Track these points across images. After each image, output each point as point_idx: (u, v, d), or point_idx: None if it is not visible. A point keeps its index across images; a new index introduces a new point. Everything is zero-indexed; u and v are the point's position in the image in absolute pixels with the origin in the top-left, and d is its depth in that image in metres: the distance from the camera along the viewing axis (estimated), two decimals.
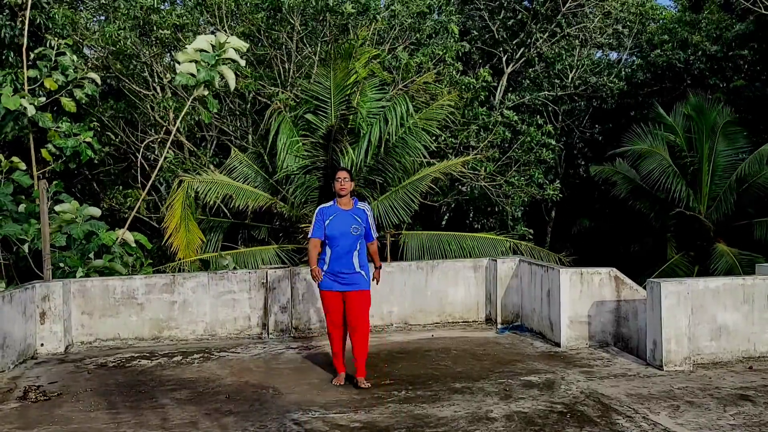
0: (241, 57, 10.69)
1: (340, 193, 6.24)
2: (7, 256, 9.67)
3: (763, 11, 16.74)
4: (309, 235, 6.35)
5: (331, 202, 6.31)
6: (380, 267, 6.65)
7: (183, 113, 11.53)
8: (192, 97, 10.78)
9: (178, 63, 10.41)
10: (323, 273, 6.25)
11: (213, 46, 10.25)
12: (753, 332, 7.06)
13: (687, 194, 16.43)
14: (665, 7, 23.03)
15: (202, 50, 10.22)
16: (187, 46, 10.51)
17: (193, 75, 10.13)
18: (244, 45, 10.69)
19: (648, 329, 6.92)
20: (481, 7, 19.02)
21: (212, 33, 11.21)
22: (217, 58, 10.20)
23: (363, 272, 6.28)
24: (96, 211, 10.07)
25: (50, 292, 7.95)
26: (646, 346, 6.95)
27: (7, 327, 7.14)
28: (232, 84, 10.68)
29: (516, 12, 19.06)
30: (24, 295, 7.59)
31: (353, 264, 6.22)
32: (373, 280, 6.46)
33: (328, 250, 6.26)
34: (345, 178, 6.24)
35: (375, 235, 6.41)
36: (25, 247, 9.33)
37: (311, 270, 6.22)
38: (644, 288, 7.26)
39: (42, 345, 7.93)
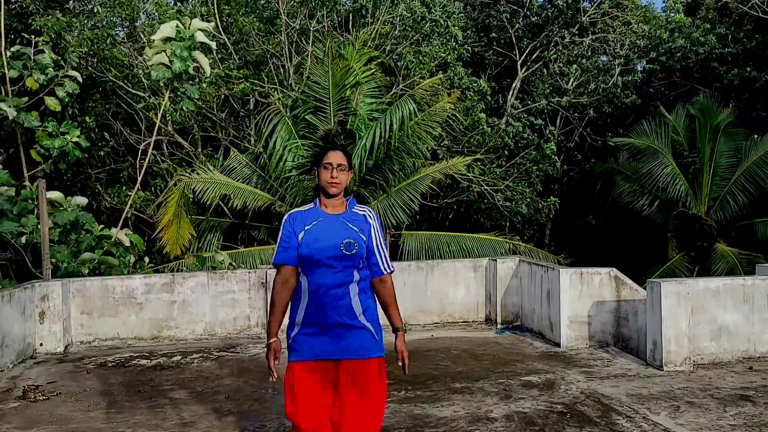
0: (211, 39, 10.59)
1: (330, 189, 3.48)
2: (4, 255, 9.65)
3: (761, 15, 16.70)
4: (273, 261, 3.59)
5: (311, 205, 3.59)
6: (404, 330, 3.60)
7: (162, 107, 11.47)
8: (170, 90, 10.72)
9: (148, 57, 10.35)
10: (296, 330, 3.49)
11: (179, 32, 10.15)
12: (753, 332, 7.05)
13: (688, 194, 16.43)
14: (677, 13, 22.97)
15: (168, 38, 10.13)
16: (152, 37, 10.43)
17: (167, 66, 10.05)
18: (208, 25, 10.61)
19: (648, 329, 6.91)
20: (501, 9, 19.02)
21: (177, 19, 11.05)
22: (187, 46, 10.08)
23: (370, 326, 3.46)
24: (82, 200, 10.04)
25: (49, 291, 7.94)
26: (646, 347, 6.94)
27: (6, 326, 7.13)
28: (207, 69, 10.63)
29: (533, 15, 19.05)
30: (23, 294, 7.58)
31: (352, 308, 3.43)
32: (398, 361, 3.55)
33: (304, 285, 3.46)
34: (340, 164, 3.48)
35: (387, 264, 3.55)
36: (23, 239, 9.27)
37: (267, 345, 3.53)
38: (644, 288, 7.26)
39: (41, 344, 7.92)
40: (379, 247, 3.54)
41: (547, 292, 8.02)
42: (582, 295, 7.65)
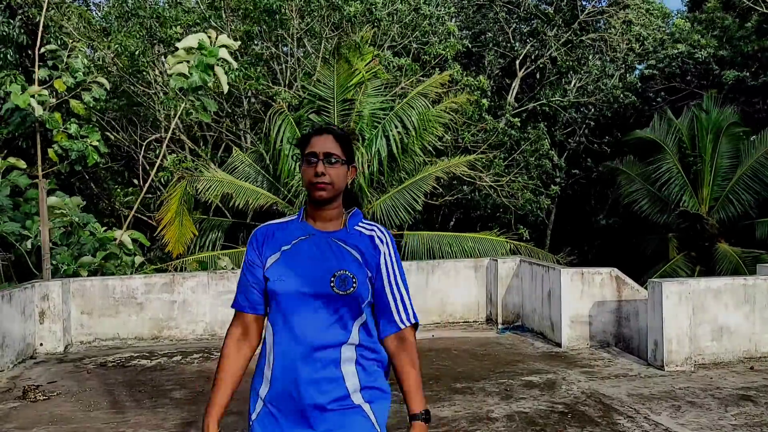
0: (233, 57, 10.69)
1: (315, 192, 2.25)
2: (6, 255, 9.67)
3: (765, 10, 16.72)
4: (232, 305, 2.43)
5: (295, 216, 2.41)
6: (424, 417, 2.36)
7: (177, 115, 11.51)
8: (187, 100, 10.77)
9: (170, 66, 10.43)
10: (259, 406, 2.35)
11: (202, 45, 10.23)
12: (754, 332, 7.04)
13: (689, 194, 16.45)
14: (673, 14, 22.95)
15: (192, 49, 10.21)
16: (177, 45, 10.51)
17: (185, 76, 10.13)
18: (233, 44, 10.70)
19: (649, 329, 6.90)
20: (497, 10, 19.03)
21: (204, 31, 11.18)
22: (208, 60, 10.17)
23: (369, 409, 2.29)
24: (77, 199, 10.11)
25: (49, 291, 7.94)
26: (647, 347, 6.93)
27: (6, 326, 7.12)
28: (225, 86, 10.70)
29: (531, 18, 19.04)
30: (23, 294, 7.57)
31: (342, 383, 2.23)
32: None
33: (269, 339, 2.31)
34: (329, 154, 2.25)
35: (407, 313, 2.36)
36: (28, 244, 9.32)
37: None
38: (645, 288, 7.25)
39: (41, 344, 7.91)
40: (395, 286, 2.30)
41: (548, 292, 8.00)
42: (583, 295, 7.64)
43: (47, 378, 6.75)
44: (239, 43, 11.80)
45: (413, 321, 2.35)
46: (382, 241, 2.31)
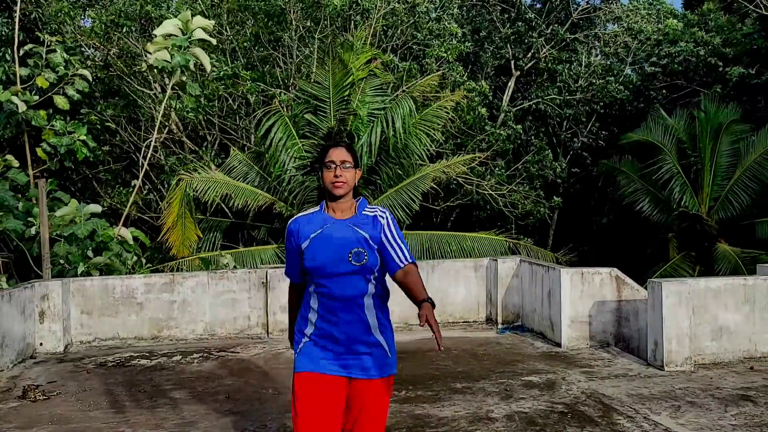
0: (211, 36, 10.73)
1: (335, 190, 3.22)
2: (7, 254, 9.67)
3: (765, 12, 16.72)
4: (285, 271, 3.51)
5: (317, 208, 3.34)
6: (428, 300, 3.17)
7: (165, 99, 11.49)
8: (171, 84, 10.77)
9: (149, 53, 10.46)
10: (305, 341, 3.29)
11: (181, 30, 10.25)
12: (754, 332, 7.04)
13: (689, 194, 16.44)
14: (673, 12, 22.85)
15: (171, 35, 10.24)
16: (154, 32, 10.53)
17: (168, 62, 10.15)
18: (209, 23, 10.71)
19: (649, 329, 6.90)
20: (492, 10, 19.04)
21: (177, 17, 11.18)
22: (188, 41, 10.20)
23: (385, 343, 3.28)
24: (96, 208, 10.08)
25: (49, 291, 7.94)
26: (647, 347, 6.93)
27: (6, 326, 7.12)
28: (208, 66, 10.73)
29: (519, 17, 19.03)
30: (23, 294, 7.57)
31: (367, 323, 3.23)
32: (421, 324, 3.08)
33: (312, 297, 3.27)
34: (344, 161, 3.22)
35: (405, 255, 3.29)
36: (32, 230, 9.32)
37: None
38: (645, 288, 7.25)
39: (41, 344, 7.91)
40: (393, 241, 3.24)
41: (548, 291, 8.01)
42: (583, 295, 7.64)
43: (47, 378, 6.75)
44: (213, 22, 11.81)
45: (410, 260, 3.28)
46: (382, 217, 3.29)
